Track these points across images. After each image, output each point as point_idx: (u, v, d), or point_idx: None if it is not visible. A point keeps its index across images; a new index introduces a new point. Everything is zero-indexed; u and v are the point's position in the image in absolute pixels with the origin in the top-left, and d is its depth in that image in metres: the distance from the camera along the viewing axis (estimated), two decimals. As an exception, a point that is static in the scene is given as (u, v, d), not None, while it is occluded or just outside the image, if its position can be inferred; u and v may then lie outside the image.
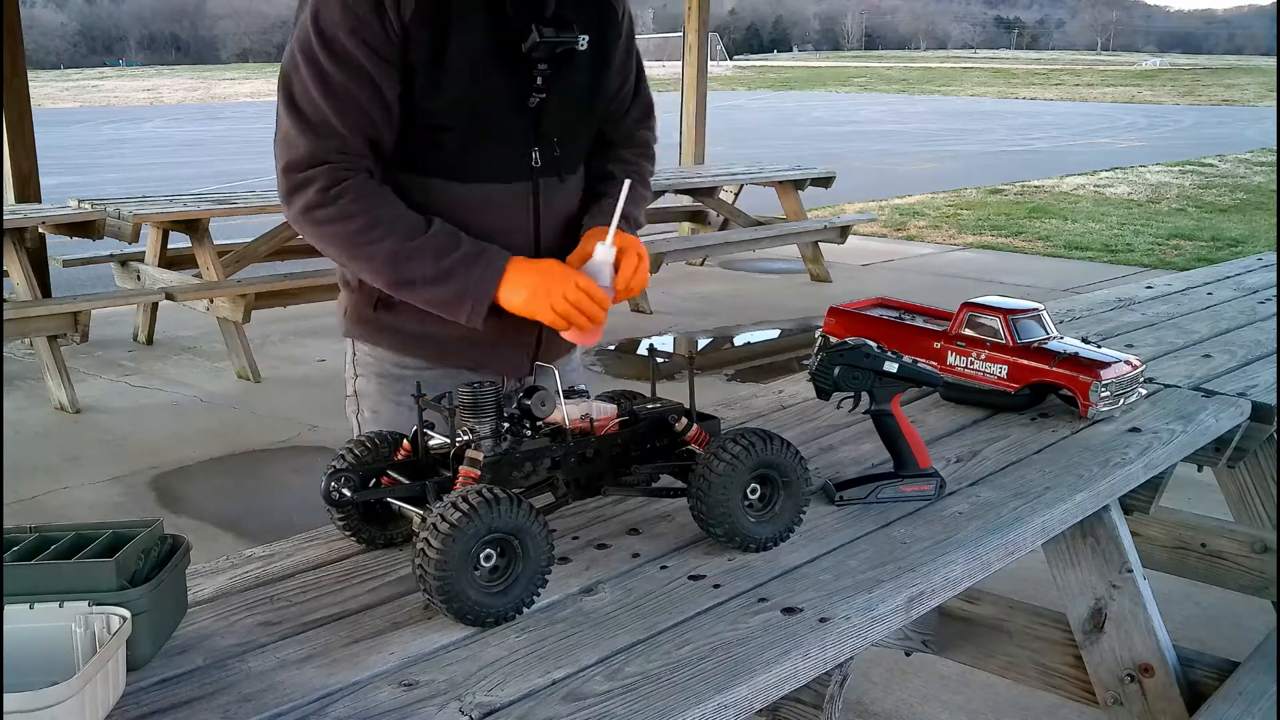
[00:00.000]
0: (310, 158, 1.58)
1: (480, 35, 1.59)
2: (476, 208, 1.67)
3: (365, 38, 1.54)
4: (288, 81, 1.60)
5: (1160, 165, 18.05)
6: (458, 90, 1.60)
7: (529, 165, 1.69)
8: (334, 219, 1.59)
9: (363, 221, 1.59)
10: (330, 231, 1.61)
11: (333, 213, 1.59)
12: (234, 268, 6.02)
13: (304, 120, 1.57)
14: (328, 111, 1.56)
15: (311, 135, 1.57)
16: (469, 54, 1.59)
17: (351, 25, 1.54)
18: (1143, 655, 2.01)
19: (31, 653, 1.06)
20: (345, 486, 1.32)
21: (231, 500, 4.22)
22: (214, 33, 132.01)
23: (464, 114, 1.62)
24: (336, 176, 1.58)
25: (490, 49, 1.60)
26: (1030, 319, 2.01)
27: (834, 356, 1.60)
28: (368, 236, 1.60)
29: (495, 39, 1.60)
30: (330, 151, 1.58)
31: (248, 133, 25.58)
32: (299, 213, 1.61)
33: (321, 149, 1.57)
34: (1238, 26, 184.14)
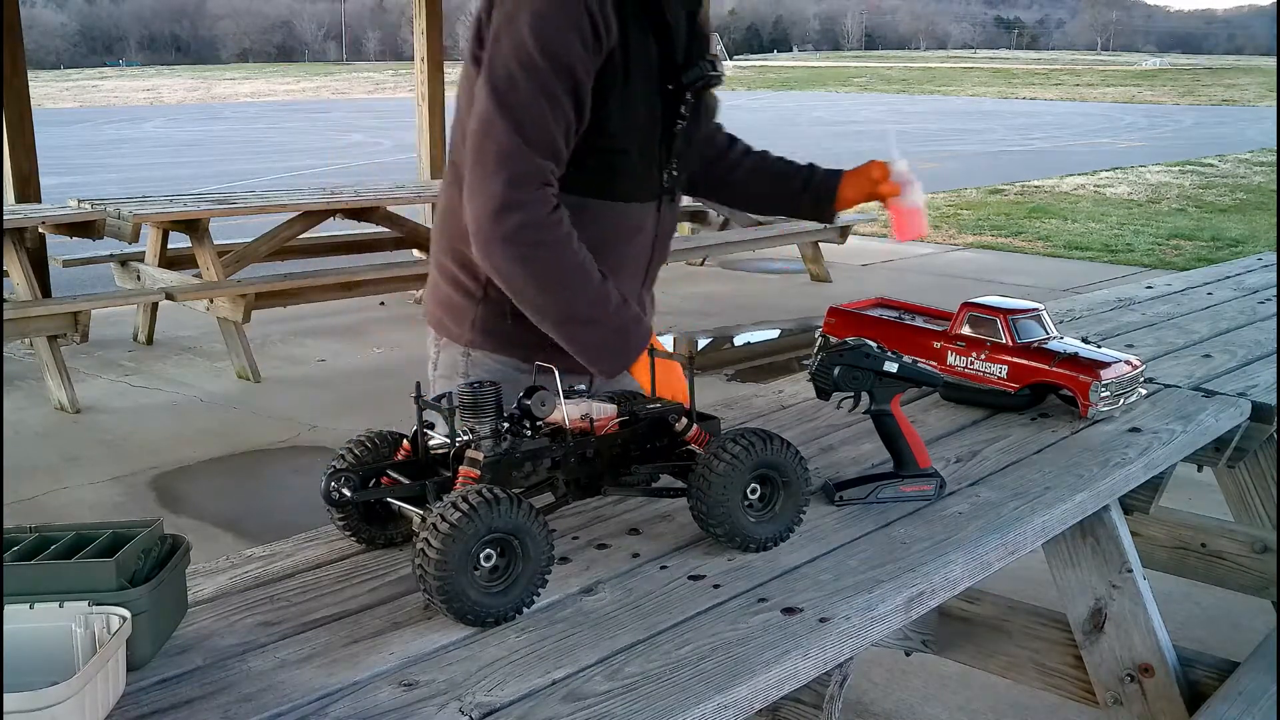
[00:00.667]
0: (536, 174, 1.58)
1: (651, 63, 1.68)
2: (614, 224, 1.74)
3: (584, 63, 1.58)
4: (503, 99, 1.58)
5: (1160, 165, 18.06)
6: (636, 114, 1.68)
7: (660, 185, 1.79)
8: (544, 244, 1.59)
9: (569, 260, 1.61)
10: (536, 256, 1.60)
11: (544, 238, 1.59)
12: (234, 268, 6.02)
13: (528, 136, 1.57)
14: (550, 131, 1.58)
15: (534, 153, 1.57)
16: (644, 80, 1.67)
17: (577, 51, 1.57)
18: (1143, 655, 2.01)
19: (31, 653, 1.06)
20: (345, 486, 1.31)
21: (231, 500, 4.22)
22: (214, 33, 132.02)
23: (633, 138, 1.69)
24: (551, 200, 1.60)
25: (658, 77, 1.69)
26: (1030, 319, 2.01)
27: (834, 356, 1.60)
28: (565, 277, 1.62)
29: (663, 67, 1.69)
30: (549, 172, 1.59)
31: (248, 133, 25.60)
32: (506, 236, 1.58)
33: (545, 168, 1.59)
34: (1238, 26, 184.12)
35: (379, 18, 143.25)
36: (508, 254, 1.60)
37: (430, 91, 8.17)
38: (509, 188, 1.57)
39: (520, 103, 1.57)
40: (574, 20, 1.56)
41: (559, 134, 1.59)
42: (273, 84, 55.03)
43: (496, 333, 1.78)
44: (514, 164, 1.57)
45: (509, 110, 1.57)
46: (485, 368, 1.83)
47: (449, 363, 1.87)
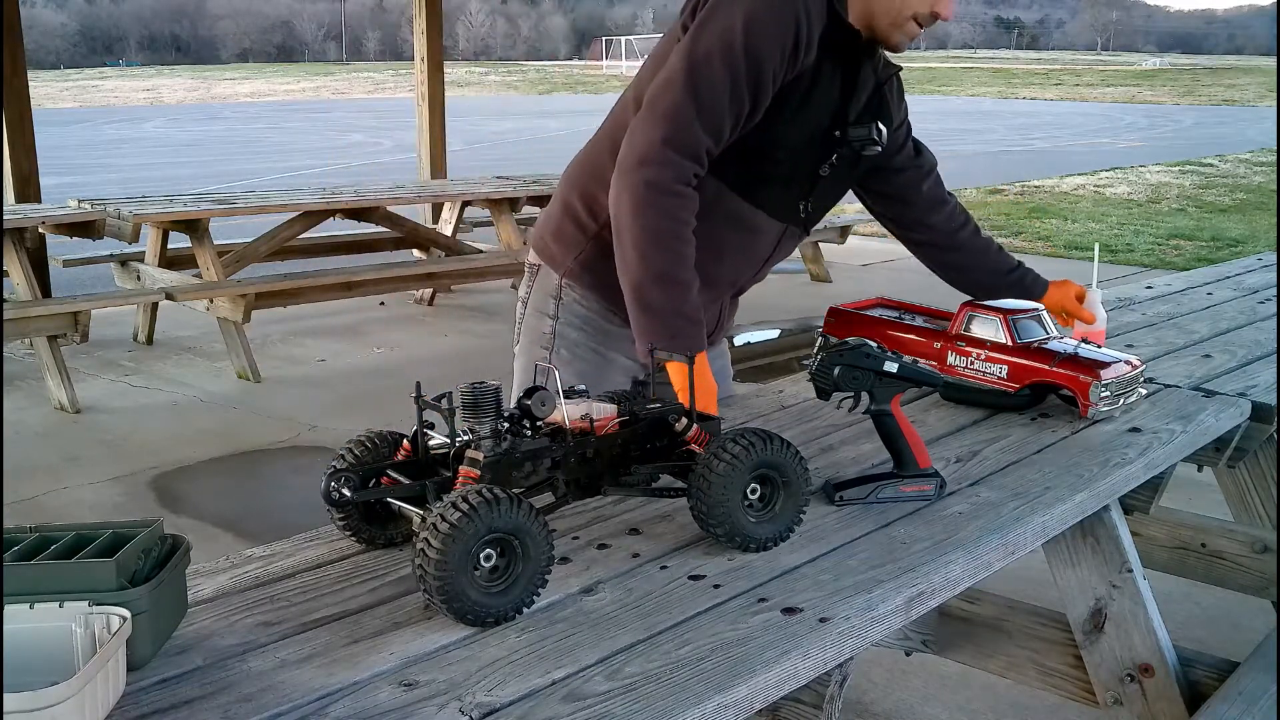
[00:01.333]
0: (693, 146, 1.69)
1: (827, 105, 1.80)
2: (740, 225, 1.87)
3: (776, 69, 1.70)
4: (699, 68, 1.69)
5: (1160, 165, 18.06)
6: (797, 138, 1.80)
7: (797, 213, 1.91)
8: (665, 209, 1.69)
9: (677, 230, 1.71)
10: (651, 214, 1.70)
11: (668, 204, 1.69)
12: (234, 268, 6.02)
13: (701, 109, 1.68)
14: (722, 114, 1.69)
15: (700, 125, 1.68)
16: (819, 112, 1.80)
17: (774, 54, 1.69)
18: (1143, 655, 2.01)
19: (31, 653, 1.06)
20: (345, 486, 1.31)
21: (231, 500, 4.22)
22: (214, 33, 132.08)
23: (789, 156, 1.82)
24: (692, 179, 1.70)
25: (829, 117, 1.82)
26: (1030, 319, 2.01)
27: (834, 356, 1.60)
28: (667, 243, 1.71)
29: (836, 111, 1.82)
30: (704, 151, 1.70)
31: (248, 133, 25.59)
32: (644, 182, 1.69)
33: (704, 145, 1.70)
34: (1238, 26, 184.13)
35: (379, 18, 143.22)
36: (629, 197, 1.71)
37: (430, 91, 8.17)
38: (663, 144, 1.69)
39: (708, 78, 1.68)
40: (784, 28, 1.68)
41: (728, 121, 1.70)
42: (273, 84, 55.04)
43: (596, 269, 1.87)
44: (677, 125, 1.69)
45: (695, 81, 1.68)
46: (574, 312, 1.93)
47: (540, 299, 1.97)
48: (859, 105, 1.86)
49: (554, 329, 1.95)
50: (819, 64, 1.76)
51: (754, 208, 1.86)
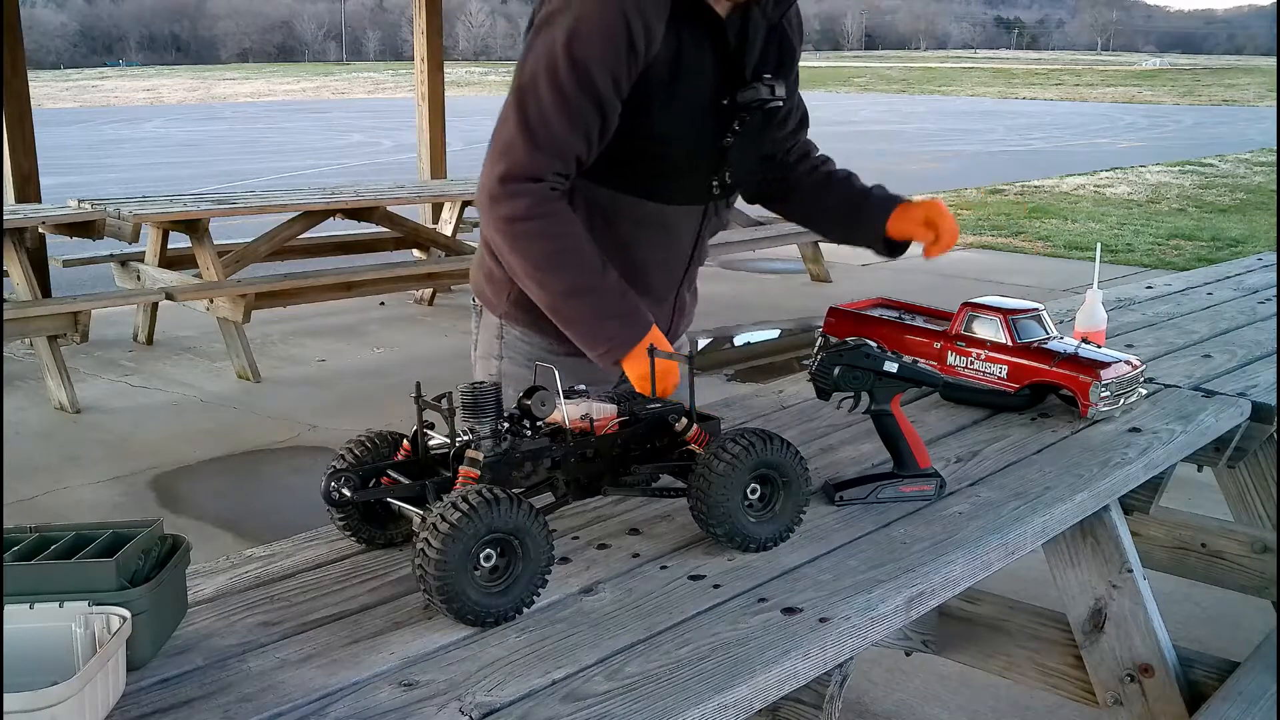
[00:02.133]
0: (529, 171, 1.64)
1: (706, 77, 1.71)
2: (660, 225, 1.81)
3: (613, 73, 1.62)
4: (523, 96, 1.65)
5: (1160, 165, 18.06)
6: (678, 125, 1.71)
7: (709, 191, 1.83)
8: (534, 235, 1.66)
9: (556, 246, 1.67)
10: (524, 246, 1.68)
11: (534, 228, 1.66)
12: (234, 268, 6.02)
13: (533, 136, 1.63)
14: (559, 134, 1.63)
15: (536, 151, 1.63)
16: (694, 93, 1.71)
17: (603, 59, 1.61)
18: (1143, 655, 2.01)
19: (31, 653, 1.06)
20: (345, 486, 1.32)
21: (231, 500, 4.22)
22: (214, 33, 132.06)
23: (676, 144, 1.74)
24: (546, 195, 1.66)
25: (713, 92, 1.72)
26: (1030, 319, 2.01)
27: (834, 356, 1.60)
28: (556, 261, 1.68)
29: (719, 84, 1.72)
30: (548, 170, 1.65)
31: (248, 133, 25.60)
32: (501, 219, 1.67)
33: (541, 165, 1.64)
34: (1238, 26, 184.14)
35: (379, 18, 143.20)
36: (502, 239, 1.69)
37: (430, 91, 8.17)
38: (500, 181, 1.65)
39: (536, 103, 1.63)
40: (610, 32, 1.60)
41: (572, 137, 1.64)
42: (273, 84, 55.04)
43: (530, 307, 1.83)
44: (514, 159, 1.64)
45: (524, 107, 1.64)
46: (518, 350, 1.89)
47: (486, 341, 1.94)
48: (753, 58, 1.76)
49: (499, 369, 1.92)
50: (677, 45, 1.66)
51: (660, 204, 1.79)
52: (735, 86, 1.73)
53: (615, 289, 1.70)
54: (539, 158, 1.63)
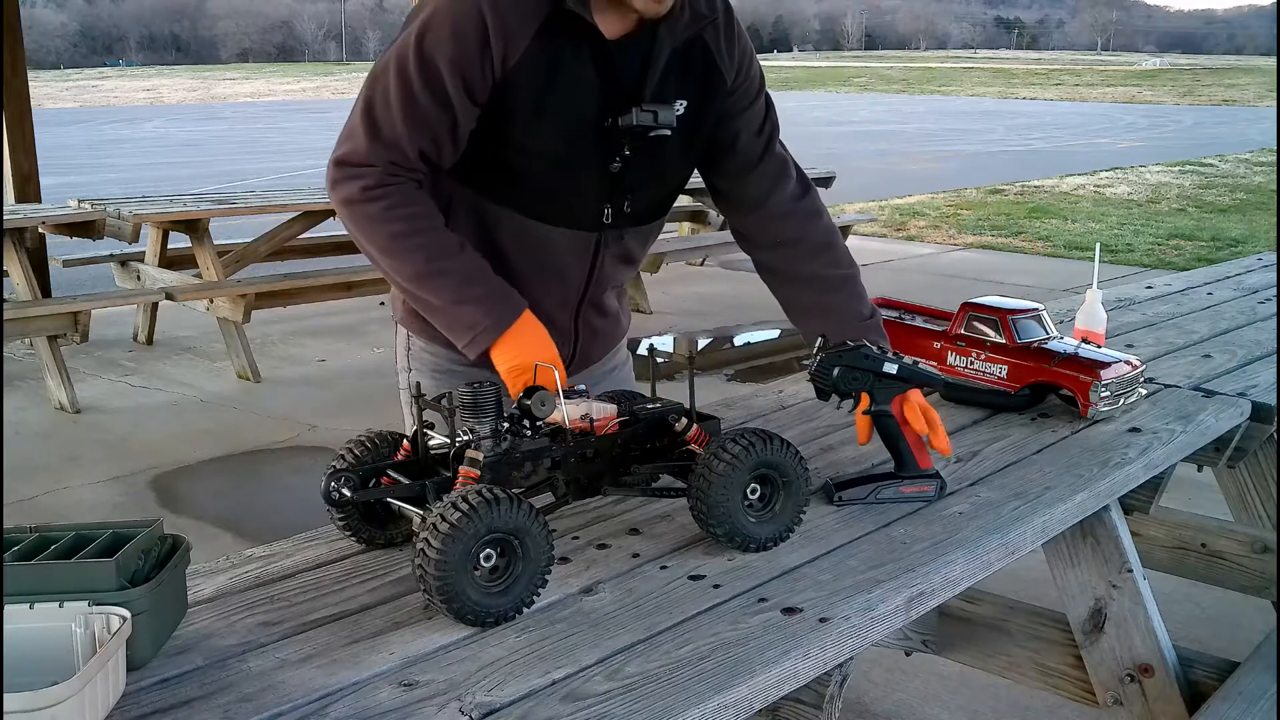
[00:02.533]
0: (364, 158, 1.61)
1: (585, 96, 1.60)
2: (541, 245, 1.70)
3: (463, 73, 1.55)
4: (373, 83, 1.62)
5: (1160, 165, 18.06)
6: (551, 142, 1.62)
7: (600, 219, 1.71)
8: (371, 218, 1.62)
9: (399, 228, 1.61)
10: (366, 228, 1.64)
11: (371, 211, 1.62)
12: (234, 268, 6.02)
13: (374, 125, 1.60)
14: (400, 127, 1.58)
15: (374, 140, 1.60)
16: (569, 111, 1.60)
17: (452, 57, 1.55)
18: (1143, 655, 2.01)
19: (31, 653, 1.06)
20: (345, 486, 1.32)
21: (231, 500, 4.22)
22: (214, 33, 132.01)
23: (548, 161, 1.64)
24: (382, 180, 1.61)
25: (590, 114, 1.61)
26: (1030, 319, 2.01)
27: (834, 357, 1.60)
28: (401, 244, 1.61)
29: (597, 106, 1.61)
30: (384, 160, 1.60)
31: (248, 133, 25.59)
32: (339, 202, 1.65)
33: (378, 155, 1.60)
34: (1238, 26, 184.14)
35: (379, 18, 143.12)
36: (347, 222, 1.66)
37: (430, 91, 8.16)
38: (335, 164, 1.63)
39: (382, 92, 1.60)
40: (462, 31, 1.54)
41: (412, 133, 1.58)
42: (273, 84, 55.04)
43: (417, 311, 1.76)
44: (350, 144, 1.62)
45: (369, 99, 1.61)
46: (423, 360, 1.84)
47: (400, 355, 1.90)
48: (653, 83, 1.62)
49: (409, 382, 1.86)
50: (553, 59, 1.57)
51: (542, 224, 1.68)
52: (620, 110, 1.61)
53: (474, 270, 1.61)
54: (375, 148, 1.59)
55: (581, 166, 1.65)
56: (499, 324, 1.58)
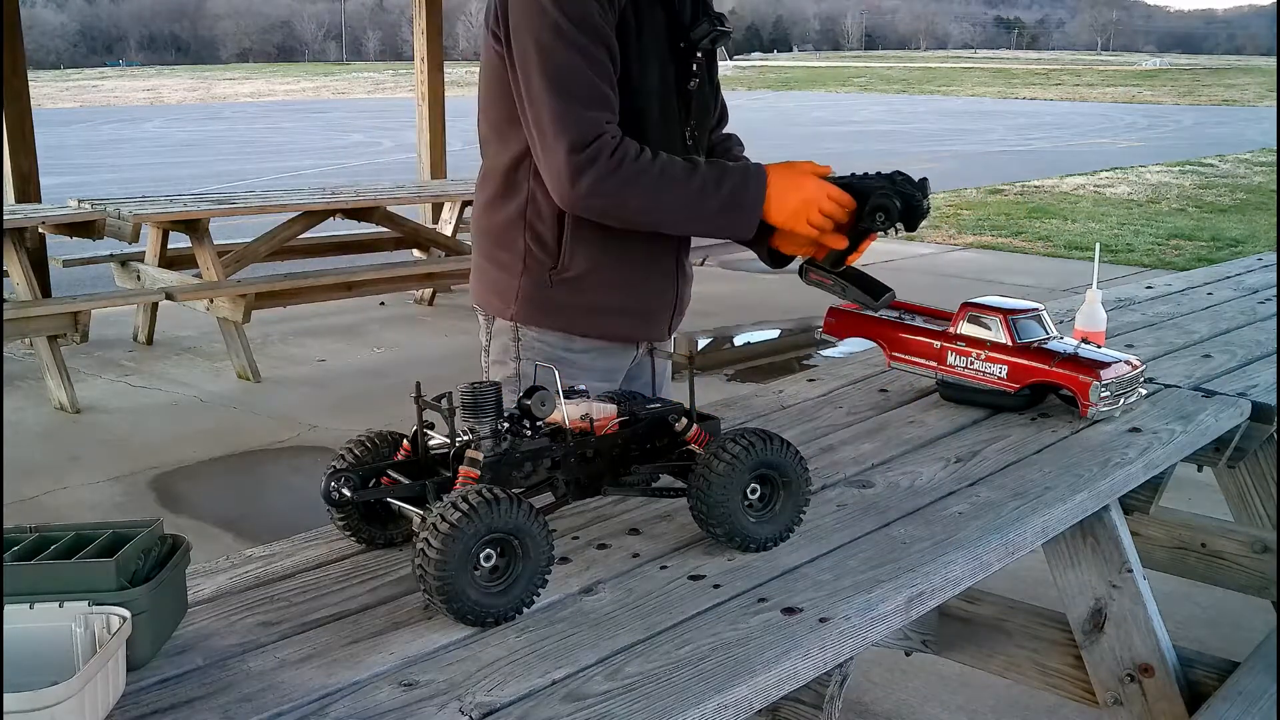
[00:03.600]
0: (592, 130, 1.67)
1: (663, 22, 1.79)
2: None
3: (605, 19, 1.69)
4: (544, 68, 1.67)
5: (1160, 165, 18.06)
6: (650, 72, 1.77)
7: (684, 145, 1.87)
8: (630, 179, 1.69)
9: (649, 177, 1.70)
10: (629, 192, 1.70)
11: (627, 174, 1.68)
12: (234, 268, 6.02)
13: (576, 98, 1.67)
14: (595, 84, 1.68)
15: (587, 109, 1.67)
16: (657, 39, 1.78)
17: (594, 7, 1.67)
18: (1143, 655, 2.01)
19: (31, 653, 1.06)
20: (345, 486, 1.32)
21: (231, 500, 4.22)
22: (214, 33, 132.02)
23: (652, 95, 1.79)
24: (613, 143, 1.68)
25: (668, 36, 1.80)
26: (1030, 319, 2.01)
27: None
28: (663, 183, 1.70)
29: (671, 26, 1.80)
30: (603, 122, 1.69)
31: (247, 133, 25.59)
32: (591, 185, 1.68)
33: (598, 120, 1.68)
34: (1238, 26, 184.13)
35: (379, 18, 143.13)
36: (597, 210, 1.72)
37: (430, 91, 8.17)
38: (570, 153, 1.67)
39: (557, 66, 1.66)
40: None
41: (602, 83, 1.69)
42: (273, 84, 55.04)
43: (540, 301, 1.87)
44: (567, 128, 1.67)
45: (548, 78, 1.67)
46: (535, 350, 1.90)
47: (500, 347, 1.95)
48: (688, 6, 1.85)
49: (518, 370, 1.93)
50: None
51: None
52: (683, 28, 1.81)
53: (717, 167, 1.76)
54: (594, 115, 1.67)
55: (668, 92, 1.83)
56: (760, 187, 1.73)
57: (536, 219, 1.83)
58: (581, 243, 1.82)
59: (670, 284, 1.97)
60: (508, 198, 1.86)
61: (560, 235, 1.83)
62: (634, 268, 1.88)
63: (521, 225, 1.85)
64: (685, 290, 2.04)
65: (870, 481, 1.66)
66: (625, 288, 1.89)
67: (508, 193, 1.85)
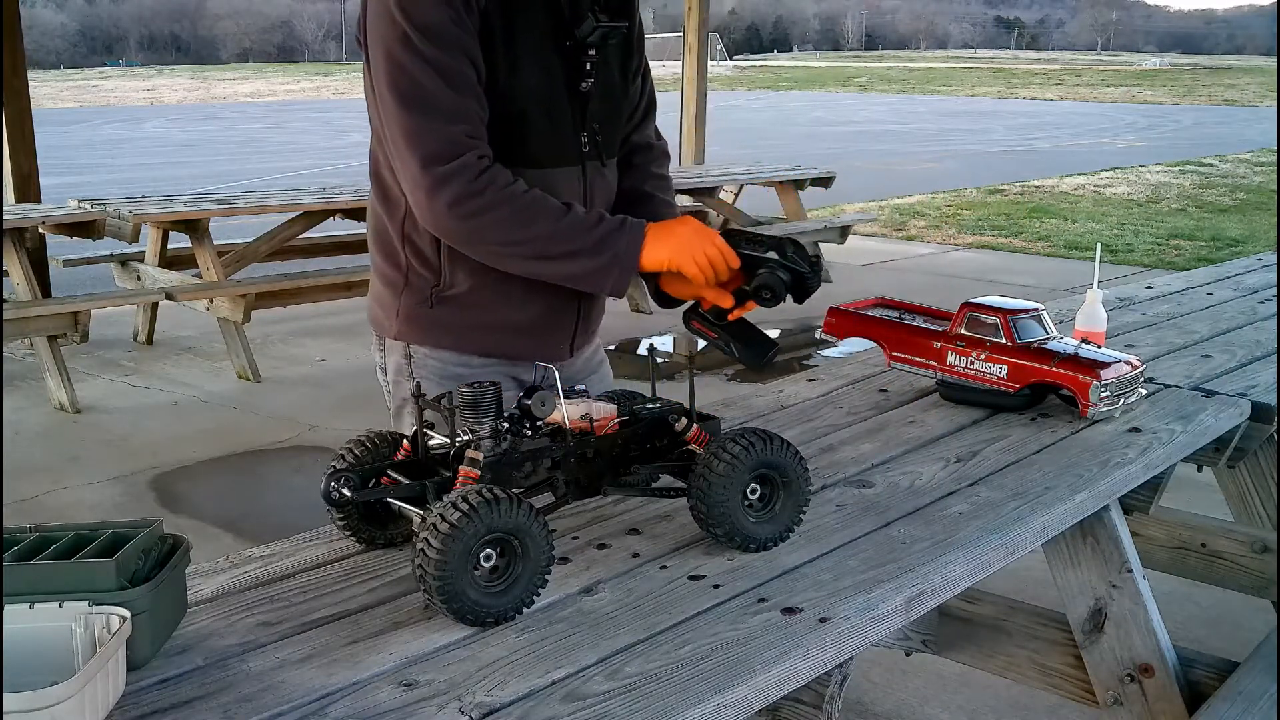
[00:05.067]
0: (450, 147, 1.59)
1: (542, 20, 1.68)
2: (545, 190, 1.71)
3: (459, 25, 1.59)
4: (394, 82, 1.60)
5: (1160, 165, 18.05)
6: (527, 75, 1.67)
7: (580, 149, 1.77)
8: (487, 207, 1.61)
9: (516, 205, 1.62)
10: (485, 221, 1.61)
11: (485, 201, 1.60)
12: (234, 268, 6.02)
13: (429, 111, 1.59)
14: (451, 97, 1.59)
15: (438, 123, 1.59)
16: (534, 39, 1.67)
17: (447, 15, 1.58)
18: (1143, 655, 2.01)
19: (31, 653, 1.06)
20: (345, 486, 1.32)
21: (231, 500, 4.22)
22: (214, 33, 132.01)
23: (532, 98, 1.69)
24: (479, 165, 1.61)
25: (551, 34, 1.69)
26: (1030, 319, 2.01)
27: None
28: (523, 217, 1.62)
29: (554, 24, 1.69)
30: (464, 137, 1.60)
31: (247, 133, 25.59)
32: (448, 205, 1.60)
33: (457, 135, 1.60)
34: (1238, 26, 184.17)
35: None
36: (457, 233, 1.65)
37: (430, 91, 8.15)
38: (425, 169, 1.59)
39: (410, 82, 1.59)
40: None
41: (460, 94, 1.60)
42: (273, 84, 55.04)
43: (423, 320, 1.79)
44: (423, 144, 1.59)
45: (399, 93, 1.60)
46: (428, 368, 1.82)
47: (395, 366, 1.87)
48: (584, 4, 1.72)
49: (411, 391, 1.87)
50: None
51: (534, 170, 1.70)
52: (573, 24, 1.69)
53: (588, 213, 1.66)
54: (451, 130, 1.59)
55: (555, 94, 1.71)
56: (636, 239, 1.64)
57: (414, 232, 1.74)
58: (462, 258, 1.71)
59: (570, 301, 1.82)
60: (389, 207, 1.76)
61: (439, 250, 1.73)
62: (523, 284, 1.73)
63: (401, 238, 1.76)
64: (592, 307, 1.89)
65: (870, 481, 1.66)
66: (514, 305, 1.77)
67: (388, 203, 1.76)
